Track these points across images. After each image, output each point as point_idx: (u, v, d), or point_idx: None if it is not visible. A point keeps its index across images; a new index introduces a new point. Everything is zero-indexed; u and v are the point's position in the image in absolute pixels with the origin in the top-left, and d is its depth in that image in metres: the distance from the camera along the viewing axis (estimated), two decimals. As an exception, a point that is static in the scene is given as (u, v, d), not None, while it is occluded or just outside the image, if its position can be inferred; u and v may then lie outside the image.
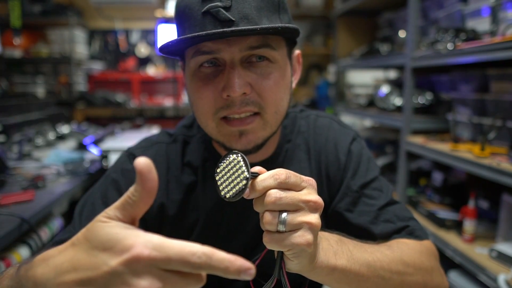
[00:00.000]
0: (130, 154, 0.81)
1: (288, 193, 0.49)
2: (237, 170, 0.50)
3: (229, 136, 0.69)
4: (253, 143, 0.69)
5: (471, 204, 1.53)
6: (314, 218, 0.49)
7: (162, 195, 0.77)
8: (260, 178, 0.49)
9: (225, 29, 0.59)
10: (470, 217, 1.52)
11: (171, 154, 0.81)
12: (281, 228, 0.48)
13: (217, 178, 0.52)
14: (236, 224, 0.79)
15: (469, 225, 1.52)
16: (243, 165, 0.49)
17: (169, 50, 0.67)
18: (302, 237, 0.48)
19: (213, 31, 0.59)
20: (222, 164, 0.52)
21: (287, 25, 0.62)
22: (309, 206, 0.49)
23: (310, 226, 0.49)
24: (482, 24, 1.58)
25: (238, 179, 0.49)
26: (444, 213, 1.74)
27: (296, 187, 0.50)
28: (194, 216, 0.78)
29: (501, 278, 1.23)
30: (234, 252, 0.78)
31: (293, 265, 0.52)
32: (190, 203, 0.78)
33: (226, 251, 0.69)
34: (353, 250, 0.59)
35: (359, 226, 0.75)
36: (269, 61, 0.67)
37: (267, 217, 0.48)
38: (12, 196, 1.34)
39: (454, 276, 1.55)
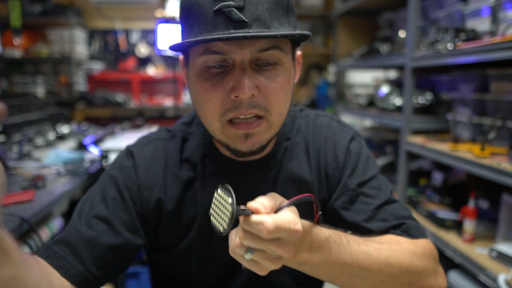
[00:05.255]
0: (128, 151, 0.82)
1: (262, 241, 0.53)
2: (224, 211, 0.53)
3: (234, 138, 0.69)
4: (258, 145, 0.70)
5: (471, 204, 1.53)
6: (274, 262, 0.55)
7: (160, 191, 0.78)
8: (252, 220, 0.52)
9: (245, 34, 0.59)
10: (470, 217, 1.52)
11: (169, 150, 0.81)
12: (246, 256, 0.54)
13: (211, 218, 0.55)
14: None
15: (469, 225, 1.52)
16: (228, 212, 0.52)
17: (178, 47, 0.67)
18: (258, 268, 0.56)
19: (235, 34, 0.59)
20: (213, 203, 0.55)
21: (304, 32, 0.64)
22: (275, 253, 0.54)
23: (267, 266, 0.55)
24: (482, 24, 1.58)
25: (223, 222, 0.53)
26: (444, 213, 1.74)
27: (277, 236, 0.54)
28: (192, 212, 0.79)
29: (501, 278, 1.23)
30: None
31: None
32: (188, 199, 0.79)
33: (224, 247, 0.70)
34: (335, 250, 0.62)
35: (354, 224, 0.75)
36: (276, 64, 0.67)
37: (238, 246, 0.54)
38: (12, 196, 1.34)
39: (454, 276, 1.55)
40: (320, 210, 0.71)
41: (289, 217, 0.54)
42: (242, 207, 0.53)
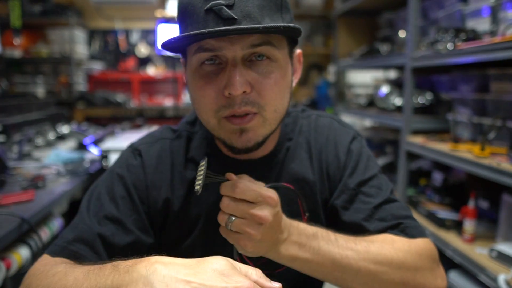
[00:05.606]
0: (135, 150, 0.82)
1: (239, 204, 0.60)
2: (200, 174, 0.62)
3: (230, 133, 0.69)
4: (253, 141, 0.69)
5: (471, 204, 1.53)
6: (254, 229, 0.60)
7: (167, 191, 0.78)
8: (226, 183, 0.62)
9: (227, 28, 0.59)
10: (470, 217, 1.52)
11: (175, 150, 0.82)
12: (228, 227, 0.61)
13: (197, 173, 0.64)
14: None
15: (469, 225, 1.52)
16: (202, 173, 0.62)
17: (171, 46, 0.68)
18: (241, 239, 0.61)
19: (215, 29, 0.59)
20: (199, 167, 0.65)
21: (289, 24, 0.62)
22: (254, 219, 0.60)
23: (249, 236, 0.61)
24: (482, 24, 1.58)
25: (198, 181, 0.62)
26: (444, 213, 1.74)
27: (251, 200, 0.60)
28: (196, 212, 0.79)
29: (501, 278, 1.23)
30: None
31: (246, 252, 0.64)
32: (193, 199, 0.79)
33: (226, 247, 0.70)
34: (323, 246, 0.66)
35: (353, 223, 0.75)
36: (270, 60, 0.67)
37: (220, 214, 0.62)
38: (12, 196, 1.34)
39: (454, 276, 1.55)
40: (305, 205, 0.77)
41: (264, 187, 0.62)
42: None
